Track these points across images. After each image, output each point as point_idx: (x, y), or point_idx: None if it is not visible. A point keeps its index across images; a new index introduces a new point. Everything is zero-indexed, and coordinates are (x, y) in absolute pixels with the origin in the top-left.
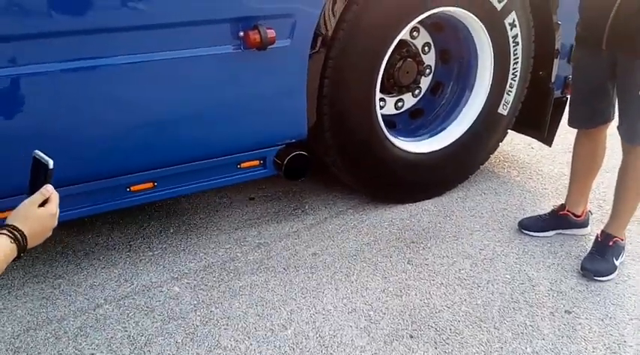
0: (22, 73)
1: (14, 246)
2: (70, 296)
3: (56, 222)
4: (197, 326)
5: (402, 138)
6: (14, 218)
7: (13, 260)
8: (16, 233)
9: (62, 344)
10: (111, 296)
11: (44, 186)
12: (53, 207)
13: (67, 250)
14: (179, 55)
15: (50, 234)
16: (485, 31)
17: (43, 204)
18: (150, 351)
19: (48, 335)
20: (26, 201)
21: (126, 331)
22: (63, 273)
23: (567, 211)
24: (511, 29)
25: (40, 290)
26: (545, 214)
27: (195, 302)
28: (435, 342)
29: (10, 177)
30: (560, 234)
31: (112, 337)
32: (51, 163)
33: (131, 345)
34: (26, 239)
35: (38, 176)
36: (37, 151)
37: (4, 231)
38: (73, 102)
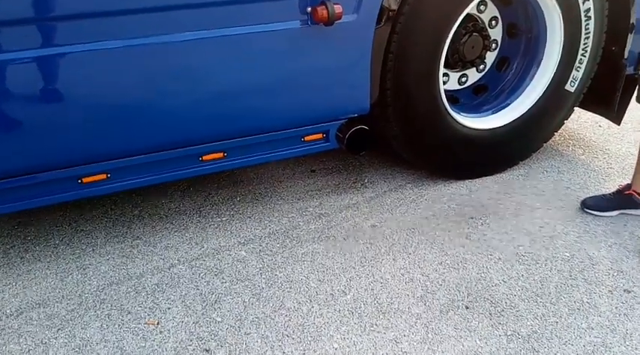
0: (111, 47)
1: None
2: (147, 255)
3: None
4: (262, 287)
5: (464, 114)
6: None
7: None
8: None
9: (142, 297)
10: (183, 257)
11: None
12: None
13: (144, 213)
14: (248, 30)
15: None
16: (556, 4)
17: None
18: (220, 308)
19: (129, 289)
20: None
21: (198, 289)
22: (140, 234)
23: (633, 191)
24: (583, 3)
25: (121, 249)
26: (609, 194)
27: (261, 266)
28: (490, 314)
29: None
30: (624, 214)
31: (185, 294)
32: None
33: (203, 302)
34: None
35: None
36: None
37: None
38: (153, 75)
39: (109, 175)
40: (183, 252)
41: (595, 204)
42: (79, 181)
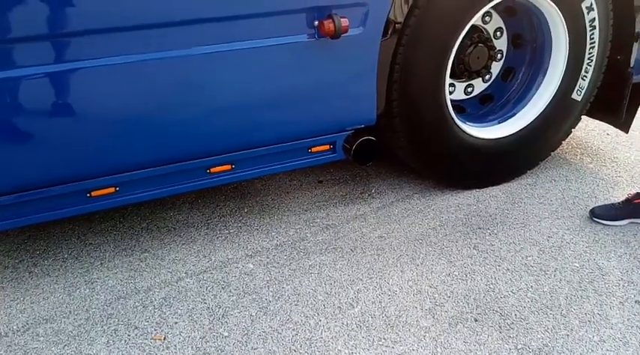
0: (120, 62)
1: None
2: (155, 268)
3: None
4: (270, 301)
5: (470, 124)
6: None
7: None
8: None
9: (149, 312)
10: (191, 270)
11: None
12: None
13: (152, 226)
14: (256, 44)
15: None
16: (561, 15)
17: None
18: (227, 322)
19: (136, 303)
20: None
21: (205, 303)
22: (148, 247)
23: None
24: (588, 13)
25: (129, 263)
26: (618, 202)
27: (268, 278)
28: (500, 326)
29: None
30: (634, 223)
31: (192, 308)
32: None
33: (210, 316)
34: None
35: None
36: None
37: None
38: (162, 89)
39: (117, 189)
40: (191, 265)
41: (604, 213)
42: (88, 195)
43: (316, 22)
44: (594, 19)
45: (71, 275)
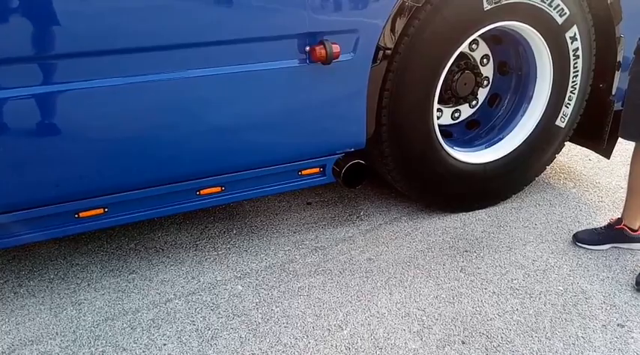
0: (109, 85)
1: None
2: (143, 290)
3: None
4: (259, 323)
5: (457, 149)
6: None
7: None
8: None
9: (137, 334)
10: (180, 291)
11: None
12: None
13: (140, 247)
14: (249, 68)
15: None
16: (546, 44)
17: None
18: (216, 344)
19: (124, 325)
20: None
21: (194, 325)
22: (136, 268)
23: (624, 225)
24: (572, 42)
25: (116, 284)
26: (600, 227)
27: (257, 300)
28: (486, 349)
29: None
30: (616, 247)
31: (181, 330)
32: None
33: (199, 338)
34: None
35: None
36: None
37: None
38: (154, 111)
39: (106, 210)
40: (180, 287)
41: (587, 238)
42: (76, 216)
43: (308, 48)
44: (577, 48)
45: (57, 296)
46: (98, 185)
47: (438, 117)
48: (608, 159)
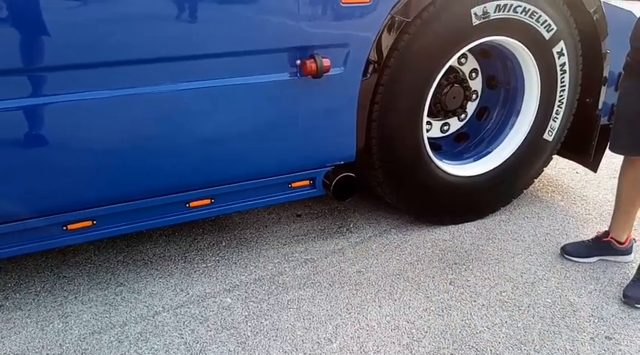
0: (99, 97)
1: None
2: (131, 302)
3: None
4: (248, 336)
5: (446, 162)
6: None
7: None
8: None
9: (124, 347)
10: (168, 304)
11: None
12: None
13: (128, 259)
14: (240, 81)
15: None
16: (533, 59)
17: None
18: None
19: (112, 338)
20: None
21: (182, 338)
22: (124, 281)
23: (611, 238)
24: (559, 57)
25: (104, 297)
26: (588, 240)
27: (246, 313)
28: None
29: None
30: (603, 260)
31: (169, 343)
32: None
33: (187, 352)
34: None
35: None
36: None
37: None
38: (144, 124)
39: (94, 222)
40: (168, 299)
41: (574, 251)
42: (64, 228)
43: (299, 62)
44: (565, 63)
45: (44, 309)
46: (87, 197)
47: (428, 130)
48: (595, 172)
